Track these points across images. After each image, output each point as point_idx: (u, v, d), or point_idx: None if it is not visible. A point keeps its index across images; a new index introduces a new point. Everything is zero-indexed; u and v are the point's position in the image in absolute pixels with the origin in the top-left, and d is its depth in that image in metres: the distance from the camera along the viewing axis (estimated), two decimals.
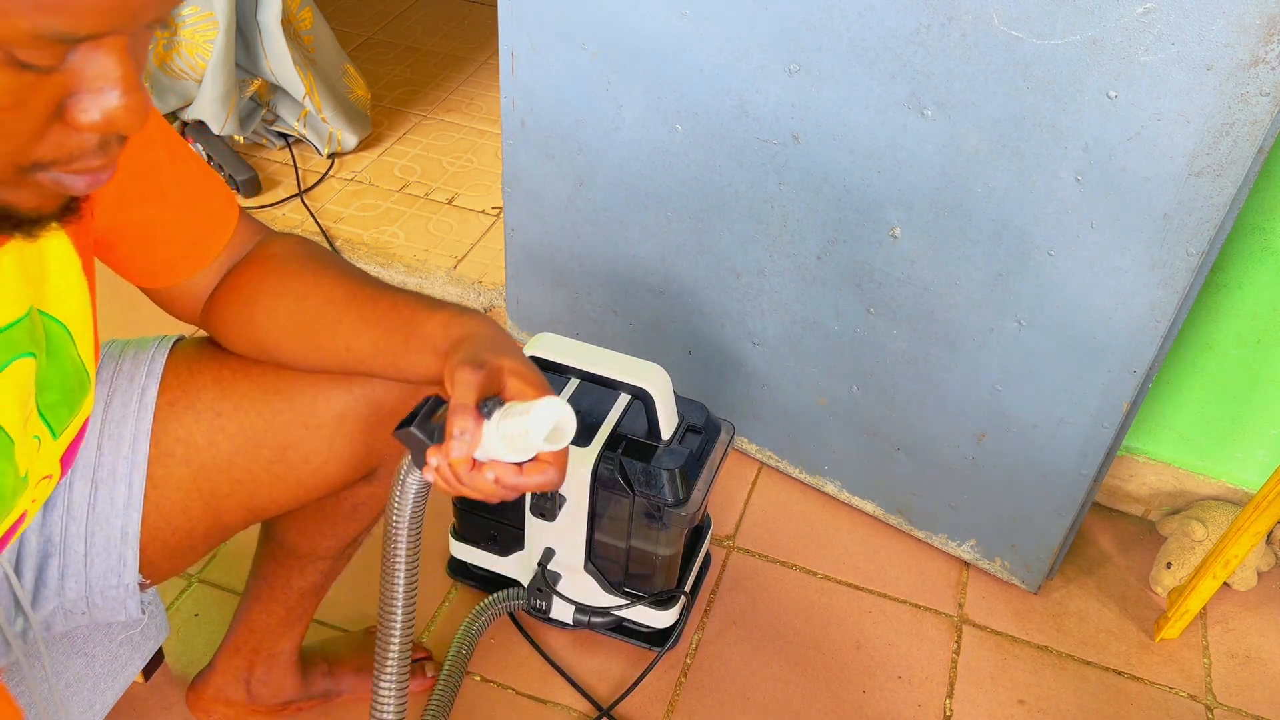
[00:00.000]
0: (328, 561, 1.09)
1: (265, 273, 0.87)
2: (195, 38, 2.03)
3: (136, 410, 0.87)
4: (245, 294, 0.87)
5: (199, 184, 0.85)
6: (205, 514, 0.90)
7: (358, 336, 0.83)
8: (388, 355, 0.82)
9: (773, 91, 1.28)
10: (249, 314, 0.86)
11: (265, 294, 0.86)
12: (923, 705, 1.34)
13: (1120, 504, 1.64)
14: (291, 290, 0.85)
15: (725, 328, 1.53)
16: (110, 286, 0.99)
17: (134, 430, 0.87)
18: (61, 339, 0.75)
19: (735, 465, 1.65)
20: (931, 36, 1.14)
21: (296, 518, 1.03)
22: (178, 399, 0.89)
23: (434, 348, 0.79)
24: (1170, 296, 1.16)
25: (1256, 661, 1.44)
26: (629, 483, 1.19)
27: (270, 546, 1.09)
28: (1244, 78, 1.00)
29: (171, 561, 0.91)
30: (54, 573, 0.86)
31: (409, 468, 0.81)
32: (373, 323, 0.82)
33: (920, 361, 1.38)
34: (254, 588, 1.13)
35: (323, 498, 0.97)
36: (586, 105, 1.44)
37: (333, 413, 0.90)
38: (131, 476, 0.86)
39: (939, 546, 1.54)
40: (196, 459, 0.88)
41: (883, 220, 1.30)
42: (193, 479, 0.88)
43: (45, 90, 0.52)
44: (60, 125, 0.54)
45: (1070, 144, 1.12)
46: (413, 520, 0.83)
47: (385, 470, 0.98)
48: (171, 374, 0.90)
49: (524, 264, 1.70)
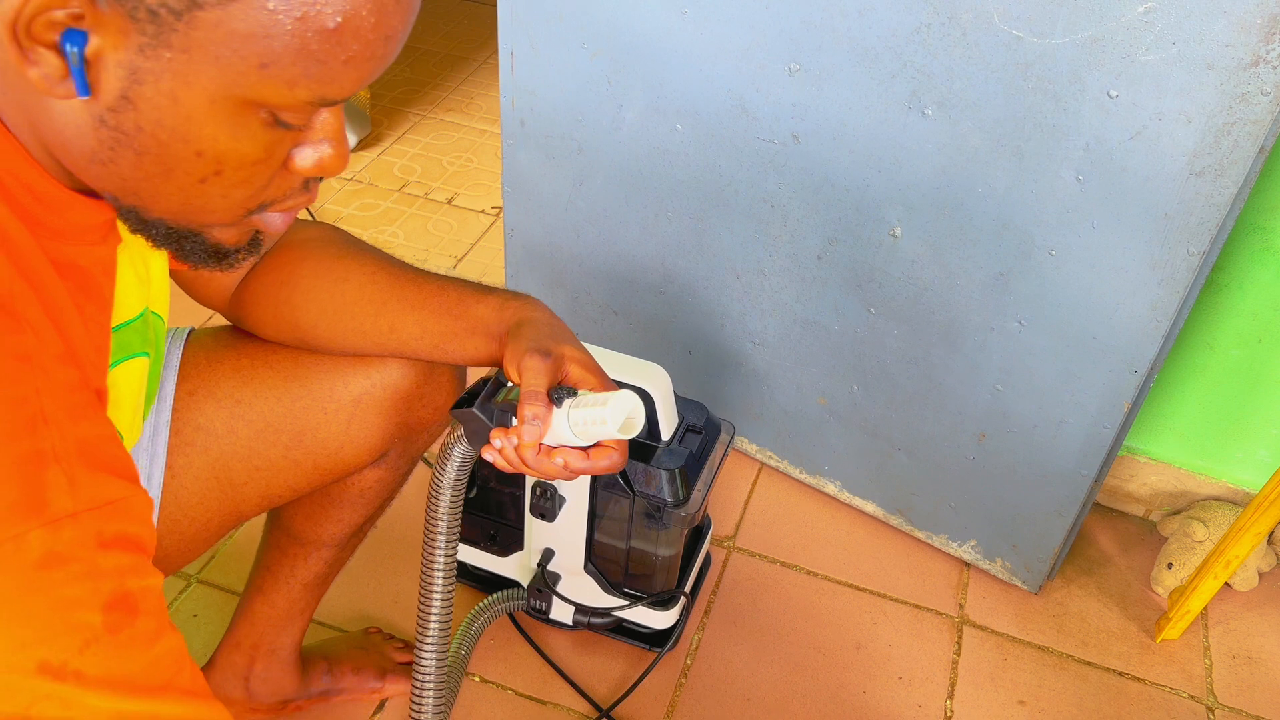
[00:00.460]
0: (332, 550, 1.09)
1: (302, 255, 0.89)
2: None
3: (156, 402, 0.88)
4: (281, 276, 0.88)
5: None
6: (222, 503, 0.91)
7: (402, 317, 0.85)
8: (435, 337, 0.85)
9: (773, 91, 1.28)
10: (286, 294, 0.88)
11: (304, 275, 0.87)
12: (923, 706, 1.34)
13: (1121, 504, 1.64)
14: (332, 272, 0.87)
15: (725, 328, 1.53)
16: None
17: (153, 422, 0.87)
18: (161, 336, 0.78)
19: (735, 465, 1.65)
20: (932, 36, 1.14)
21: (303, 503, 1.04)
22: (197, 389, 0.90)
23: (487, 331, 0.83)
24: (1171, 296, 1.15)
25: (1257, 662, 1.44)
26: (629, 483, 1.19)
27: (276, 534, 1.10)
28: (1245, 77, 1.00)
29: (184, 554, 0.92)
30: None
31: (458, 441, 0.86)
32: (418, 305, 0.85)
33: (920, 361, 1.38)
34: (257, 579, 1.13)
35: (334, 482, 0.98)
36: (586, 105, 1.44)
37: (350, 397, 0.91)
38: (151, 470, 0.87)
39: (939, 547, 1.54)
40: (215, 447, 0.89)
41: (883, 220, 1.30)
42: (210, 468, 0.89)
43: (288, 144, 0.58)
44: (283, 171, 0.59)
45: (1071, 143, 1.12)
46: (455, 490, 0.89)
47: (395, 454, 1.00)
48: (189, 364, 0.91)
49: (524, 264, 1.69)
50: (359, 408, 0.92)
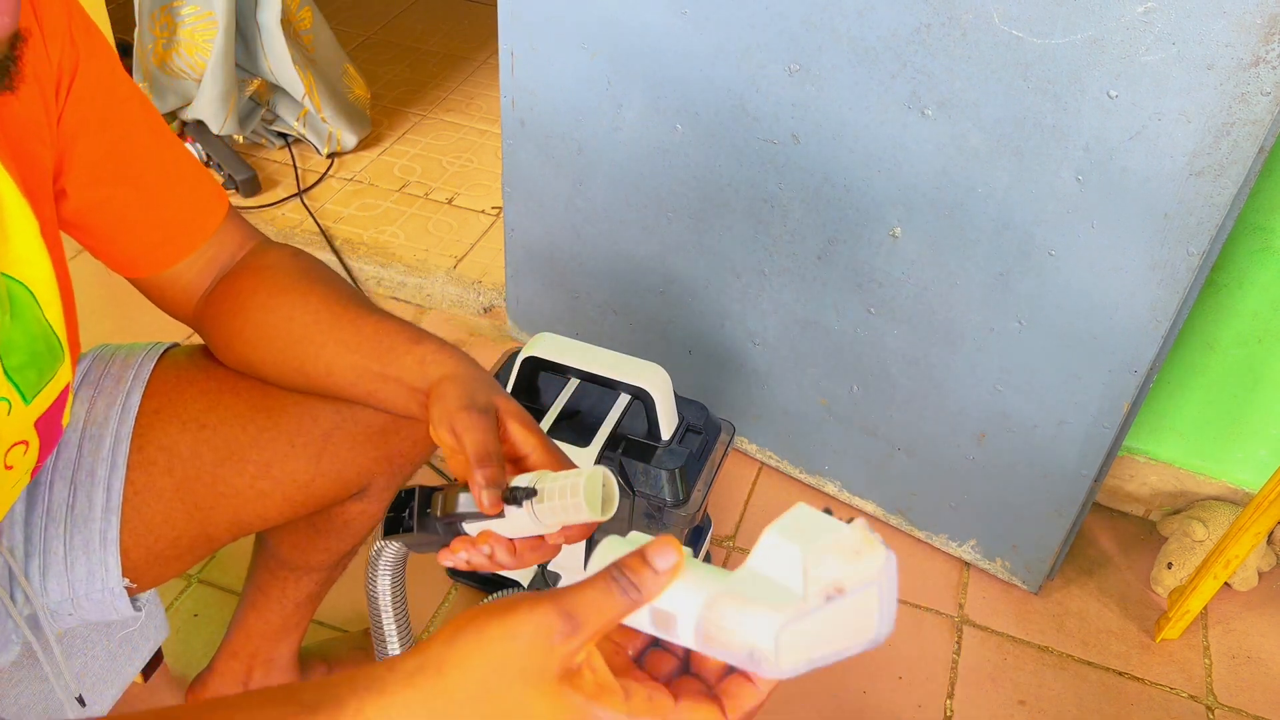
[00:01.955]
0: (322, 573, 1.09)
1: (256, 285, 0.86)
2: (195, 37, 2.03)
3: (119, 414, 0.87)
4: (234, 305, 0.86)
5: (181, 171, 0.84)
6: (190, 524, 0.89)
7: (338, 360, 0.81)
8: (367, 382, 0.80)
9: (773, 91, 1.28)
10: (238, 326, 0.85)
11: (253, 309, 0.85)
12: (923, 705, 1.34)
13: (1121, 504, 1.64)
14: (279, 308, 0.84)
15: (725, 328, 1.53)
16: (107, 288, 0.99)
17: (114, 434, 0.86)
18: (26, 302, 0.74)
19: (735, 465, 1.65)
20: (932, 36, 1.14)
21: (289, 532, 1.02)
22: (163, 407, 0.88)
23: (411, 384, 0.76)
24: (1171, 296, 1.15)
25: (1257, 662, 1.44)
26: (629, 483, 1.19)
27: (264, 557, 1.09)
28: (1244, 77, 1.00)
29: (159, 568, 0.90)
30: (35, 573, 0.86)
31: (387, 560, 0.76)
32: (354, 348, 0.80)
33: (920, 361, 1.38)
34: (250, 595, 1.12)
35: (313, 513, 0.96)
36: (586, 105, 1.44)
37: (319, 431, 0.89)
38: (111, 480, 0.86)
39: (939, 547, 1.54)
40: (180, 469, 0.87)
41: (883, 220, 1.30)
42: (175, 489, 0.87)
43: None
44: None
45: (1070, 144, 1.12)
46: (396, 603, 0.80)
47: (376, 488, 0.97)
48: (159, 381, 0.89)
49: (524, 264, 1.69)
50: (329, 442, 0.89)
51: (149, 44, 2.03)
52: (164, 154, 0.83)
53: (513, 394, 1.26)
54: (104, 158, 0.78)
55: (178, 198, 0.85)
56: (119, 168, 0.80)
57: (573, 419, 1.23)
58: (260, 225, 2.01)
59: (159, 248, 0.85)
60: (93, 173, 0.78)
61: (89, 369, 0.90)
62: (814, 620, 0.46)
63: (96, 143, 0.77)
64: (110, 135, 0.78)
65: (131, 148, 0.80)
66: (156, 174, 0.82)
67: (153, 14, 2.00)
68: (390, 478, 0.97)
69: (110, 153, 0.78)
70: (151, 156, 0.82)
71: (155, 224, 0.84)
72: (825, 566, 0.46)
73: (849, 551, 0.46)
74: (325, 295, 0.84)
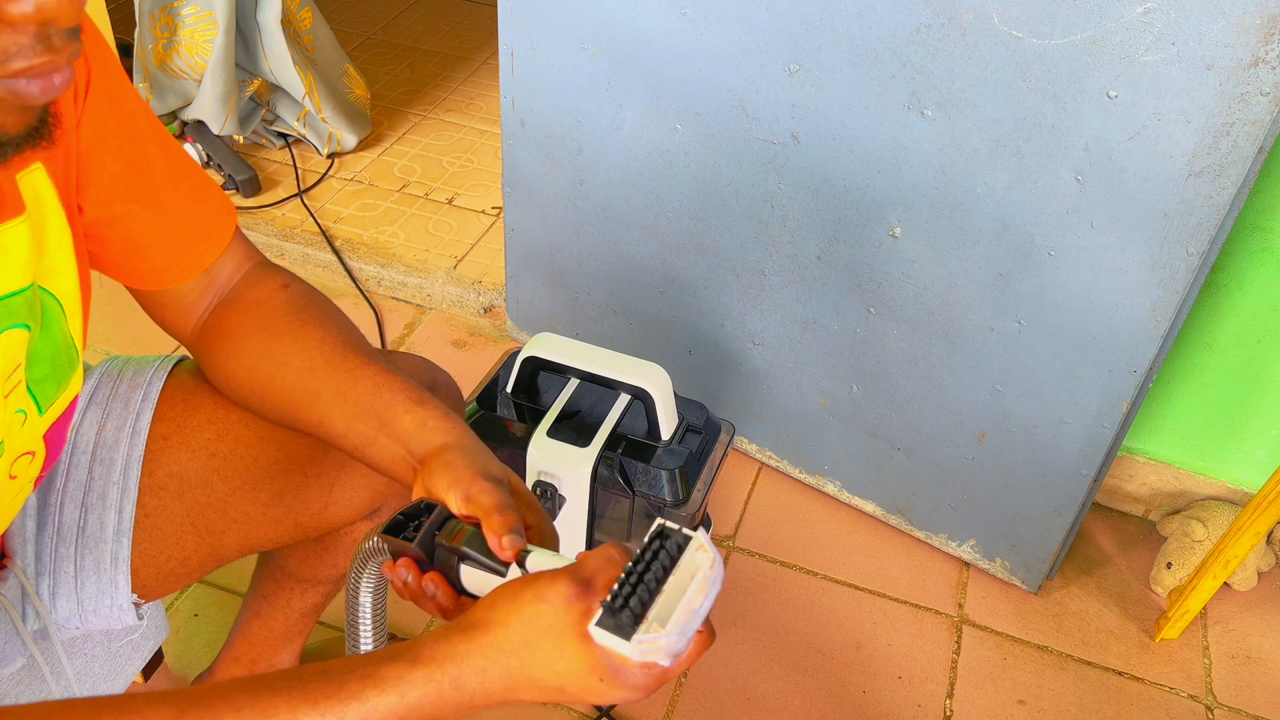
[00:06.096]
0: (328, 585, 1.09)
1: (251, 327, 0.84)
2: (195, 37, 2.03)
3: (129, 437, 0.86)
4: (230, 345, 0.85)
5: (194, 186, 0.84)
6: (199, 545, 0.89)
7: (331, 413, 0.79)
8: (357, 438, 0.78)
9: (773, 91, 1.28)
10: (232, 369, 0.84)
11: (248, 352, 0.84)
12: (923, 705, 1.34)
13: (1120, 504, 1.64)
14: (274, 353, 0.83)
15: (725, 328, 1.53)
16: (111, 296, 0.99)
17: (125, 457, 0.86)
18: (55, 313, 0.75)
19: (735, 465, 1.65)
20: (931, 36, 1.14)
21: (296, 546, 1.02)
22: (171, 434, 0.87)
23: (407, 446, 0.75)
24: (1170, 296, 1.16)
25: (1257, 661, 1.44)
26: (629, 483, 1.19)
27: (270, 568, 1.09)
28: (1244, 77, 1.00)
29: (166, 584, 0.90)
30: (45, 591, 0.86)
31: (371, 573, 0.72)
32: (350, 401, 0.79)
33: (920, 361, 1.38)
34: (253, 603, 1.12)
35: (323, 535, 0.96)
36: (586, 105, 1.44)
37: (333, 463, 0.88)
38: (122, 504, 0.85)
39: (939, 546, 1.54)
40: (190, 495, 0.87)
41: (883, 220, 1.30)
42: (186, 514, 0.87)
43: None
44: (4, 29, 0.52)
45: (1070, 144, 1.12)
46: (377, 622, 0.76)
47: (388, 509, 0.97)
48: (167, 404, 0.88)
49: (524, 264, 1.70)
50: (343, 472, 0.89)
51: (149, 44, 2.03)
52: (174, 168, 0.82)
53: (513, 394, 1.26)
54: (121, 174, 0.77)
55: (190, 215, 0.84)
56: (134, 183, 0.79)
57: (573, 419, 1.23)
58: (261, 225, 2.01)
59: (171, 266, 0.84)
60: (110, 189, 0.77)
61: (96, 386, 0.89)
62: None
63: (114, 159, 0.77)
64: (126, 151, 0.77)
65: (147, 163, 0.79)
66: (170, 189, 0.82)
67: (153, 14, 2.01)
68: (404, 500, 0.97)
69: (127, 169, 0.77)
70: (164, 171, 0.81)
71: (169, 241, 0.83)
72: None
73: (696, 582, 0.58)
74: (321, 340, 0.83)
